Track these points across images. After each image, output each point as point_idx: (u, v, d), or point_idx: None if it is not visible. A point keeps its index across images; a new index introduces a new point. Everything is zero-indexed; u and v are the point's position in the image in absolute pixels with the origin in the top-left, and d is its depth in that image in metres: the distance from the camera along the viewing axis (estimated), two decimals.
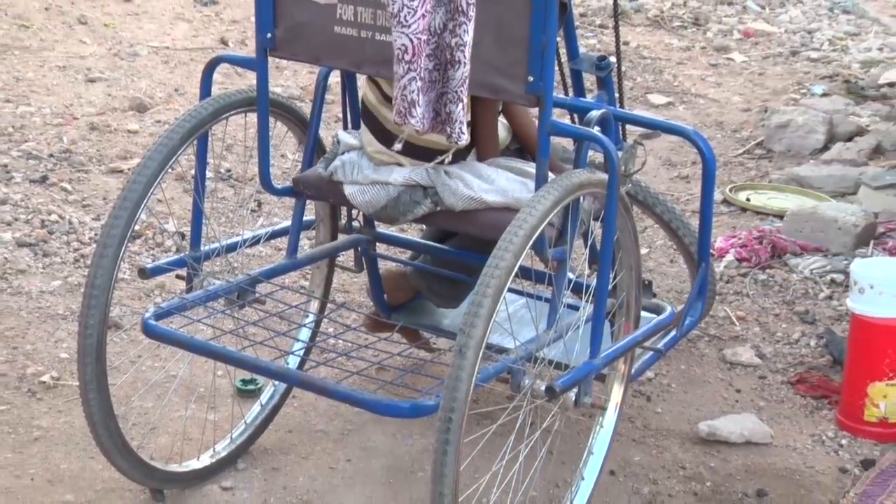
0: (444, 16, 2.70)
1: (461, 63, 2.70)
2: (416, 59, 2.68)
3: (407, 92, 2.71)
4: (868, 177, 5.32)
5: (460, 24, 2.67)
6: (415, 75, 2.69)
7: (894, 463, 3.52)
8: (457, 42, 2.69)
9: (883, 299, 3.57)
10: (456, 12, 2.68)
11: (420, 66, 2.69)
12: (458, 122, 2.76)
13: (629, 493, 3.35)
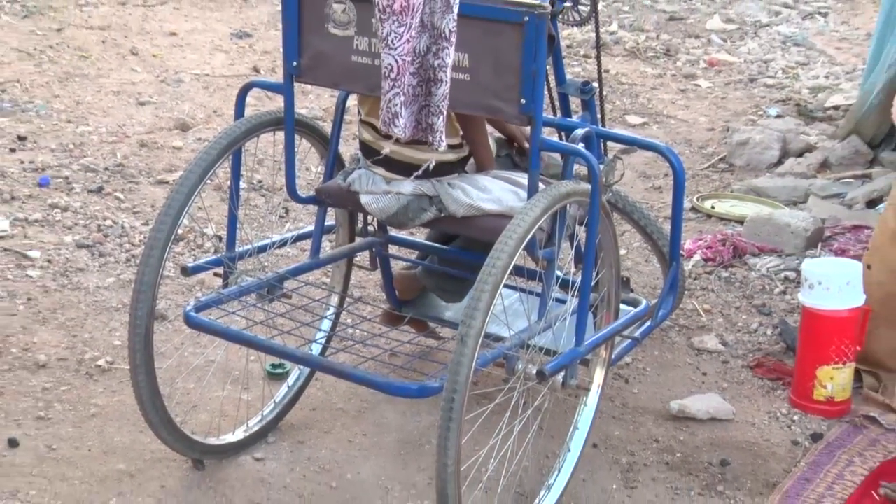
0: (428, 40, 2.71)
1: (442, 81, 2.71)
2: (400, 77, 2.70)
3: (391, 105, 2.73)
4: (816, 187, 5.34)
5: (443, 48, 2.69)
6: (398, 91, 2.71)
7: (840, 436, 3.52)
8: (439, 63, 2.70)
9: (829, 294, 3.58)
10: (439, 38, 2.69)
11: (404, 83, 2.70)
12: (438, 132, 2.77)
13: (610, 463, 3.35)
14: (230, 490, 3.13)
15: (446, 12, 2.67)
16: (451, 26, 2.67)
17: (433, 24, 2.69)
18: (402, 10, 2.64)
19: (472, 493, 2.87)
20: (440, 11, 2.67)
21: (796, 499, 3.20)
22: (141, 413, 3.02)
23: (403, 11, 2.65)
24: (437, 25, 2.69)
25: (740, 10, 8.65)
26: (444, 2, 2.66)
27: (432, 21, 2.69)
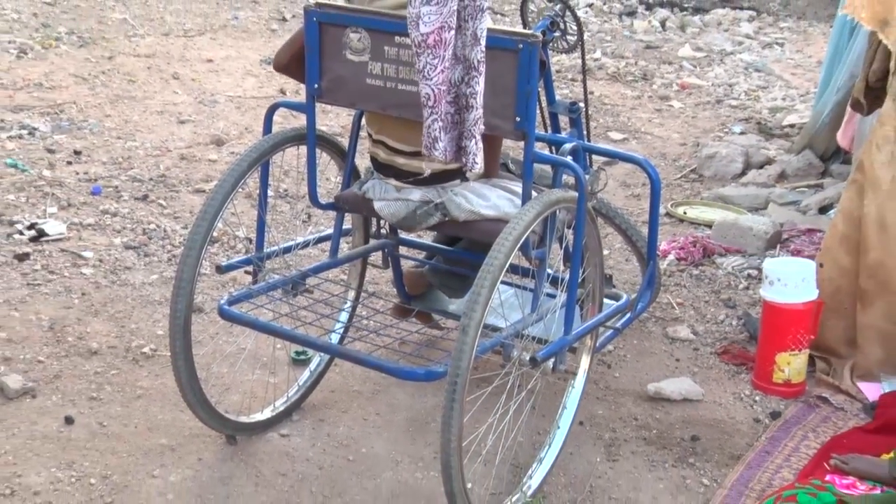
0: (462, 71, 2.69)
1: (474, 108, 2.70)
2: (437, 105, 2.67)
3: (430, 130, 2.70)
4: (775, 195, 5.34)
5: (473, 77, 2.67)
6: (436, 117, 2.68)
7: (796, 414, 3.52)
8: (471, 91, 2.69)
9: (787, 290, 3.58)
10: (470, 68, 2.67)
11: (441, 110, 2.68)
12: (471, 154, 2.75)
13: (594, 438, 3.34)
14: (259, 462, 3.12)
15: (475, 45, 2.66)
16: (480, 57, 2.66)
17: (465, 55, 2.68)
18: (436, 44, 2.62)
19: (473, 465, 2.86)
20: (470, 44, 2.66)
21: (757, 469, 3.20)
22: (181, 394, 3.02)
23: (437, 45, 2.62)
24: (469, 57, 2.67)
25: (708, 40, 8.65)
26: (473, 35, 2.65)
27: (464, 53, 2.68)
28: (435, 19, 2.60)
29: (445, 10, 2.60)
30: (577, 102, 3.47)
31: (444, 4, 2.59)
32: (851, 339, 3.73)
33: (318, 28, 2.93)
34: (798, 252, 4.52)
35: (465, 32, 2.65)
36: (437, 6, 2.59)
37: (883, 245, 3.58)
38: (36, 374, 3.48)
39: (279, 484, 3.03)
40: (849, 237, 3.67)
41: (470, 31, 2.65)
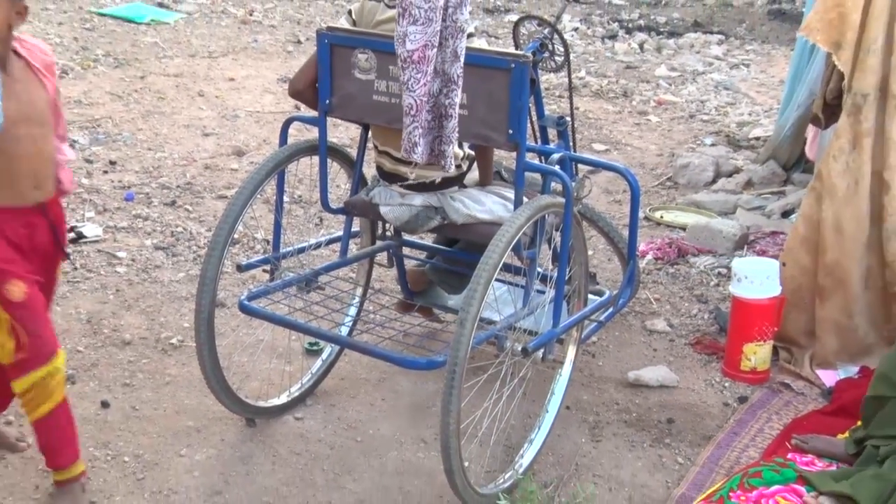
0: (440, 84, 2.69)
1: (452, 117, 2.70)
2: (419, 114, 2.68)
3: (411, 136, 2.70)
4: (743, 201, 5.33)
5: (452, 90, 2.67)
6: (417, 124, 2.69)
7: (761, 399, 3.52)
8: (449, 102, 2.69)
9: (753, 286, 3.58)
10: (449, 81, 2.67)
11: (421, 119, 2.68)
12: (448, 158, 2.76)
13: (579, 421, 3.33)
14: (276, 443, 3.12)
15: (455, 61, 2.66)
16: (459, 72, 2.66)
17: (444, 70, 2.68)
18: (420, 60, 2.62)
19: (470, 446, 2.85)
20: (450, 60, 2.66)
21: (726, 449, 3.20)
22: (205, 381, 3.02)
23: (420, 61, 2.63)
24: (448, 72, 2.67)
25: (682, 61, 8.64)
26: (453, 52, 2.65)
27: (444, 68, 2.67)
28: (420, 38, 2.61)
29: (430, 29, 2.61)
30: (564, 117, 3.46)
31: (428, 24, 2.60)
32: (811, 331, 3.73)
33: (330, 49, 2.93)
34: (763, 252, 4.51)
35: (446, 50, 2.65)
36: (422, 26, 2.60)
37: (839, 246, 3.58)
38: (75, 362, 3.47)
39: (294, 462, 3.03)
40: (809, 239, 3.67)
41: (450, 49, 2.65)
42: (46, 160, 2.52)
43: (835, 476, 2.85)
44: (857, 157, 3.52)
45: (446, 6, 2.61)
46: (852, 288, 3.60)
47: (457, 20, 2.62)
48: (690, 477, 3.04)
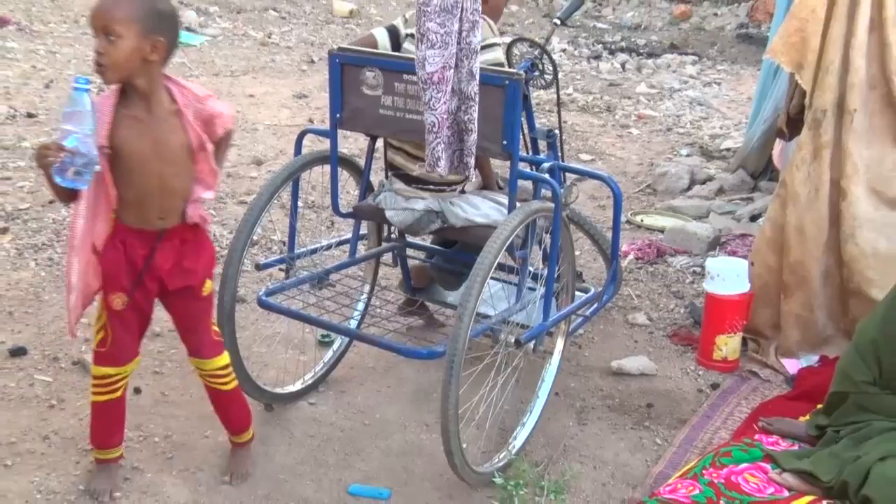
0: (458, 101, 2.67)
1: (472, 131, 2.68)
2: (440, 131, 2.66)
3: (434, 151, 2.68)
4: (715, 206, 5.33)
5: (470, 107, 2.65)
6: (439, 141, 2.67)
7: (731, 385, 3.51)
8: (468, 118, 2.67)
9: (725, 283, 3.58)
10: (467, 99, 2.65)
11: (443, 135, 2.67)
12: (469, 169, 2.76)
13: (567, 406, 3.32)
14: (291, 425, 3.11)
15: (471, 80, 2.64)
16: (475, 90, 2.64)
17: (461, 89, 2.66)
18: (439, 81, 2.61)
19: (467, 429, 2.84)
20: (466, 80, 2.65)
21: (700, 430, 3.19)
22: None
23: (440, 81, 2.61)
24: (465, 90, 2.65)
25: (659, 79, 8.64)
26: (469, 72, 2.64)
27: (461, 87, 2.66)
28: (438, 60, 2.58)
29: (447, 52, 2.59)
30: (553, 129, 3.46)
31: (445, 48, 2.58)
32: (776, 324, 3.72)
33: (340, 68, 2.92)
34: (734, 253, 4.50)
35: (462, 70, 2.64)
36: (439, 49, 2.58)
37: (801, 247, 3.58)
38: None
39: (308, 443, 3.02)
40: (774, 241, 3.66)
41: (466, 69, 2.63)
42: (173, 195, 2.45)
43: (797, 455, 2.87)
44: (818, 167, 3.52)
45: (460, 30, 2.60)
46: (813, 285, 3.59)
47: (470, 42, 2.61)
48: (668, 456, 3.04)
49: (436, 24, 2.56)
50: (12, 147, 5.42)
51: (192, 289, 2.59)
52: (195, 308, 2.64)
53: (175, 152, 2.40)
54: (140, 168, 2.38)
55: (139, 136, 2.35)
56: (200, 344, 2.68)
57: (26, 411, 3.06)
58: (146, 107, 2.37)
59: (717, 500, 2.70)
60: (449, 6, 2.56)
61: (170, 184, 2.42)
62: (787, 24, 3.46)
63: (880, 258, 3.46)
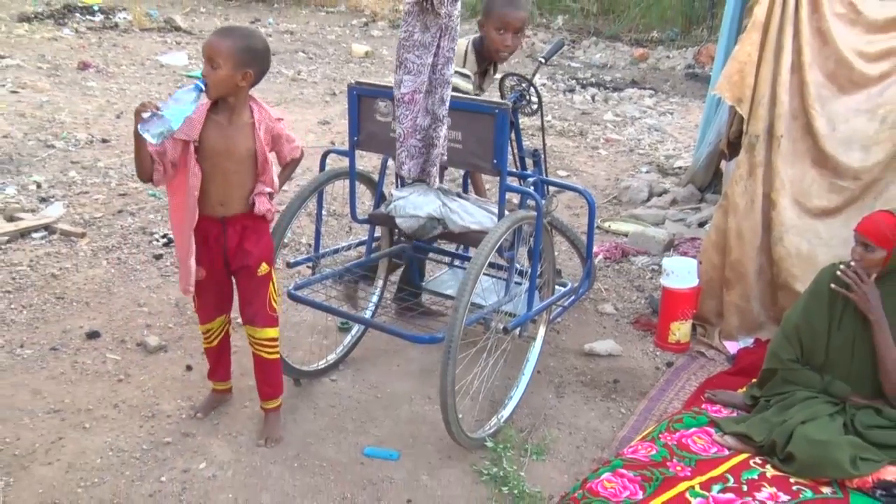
0: (430, 120, 2.67)
1: (437, 146, 2.68)
2: (405, 141, 2.68)
3: (400, 157, 2.72)
4: (670, 215, 5.30)
5: (438, 126, 2.66)
6: (404, 149, 2.69)
7: (683, 364, 3.49)
8: (435, 135, 2.67)
9: (678, 279, 3.56)
10: (436, 119, 2.65)
11: (408, 145, 2.68)
12: (433, 177, 2.75)
13: (547, 382, 3.30)
14: (316, 398, 3.09)
15: (441, 105, 2.64)
16: (444, 113, 2.65)
17: (433, 111, 2.66)
18: (410, 101, 2.63)
19: (463, 401, 2.82)
20: (437, 104, 2.65)
21: (657, 401, 3.18)
22: None
23: (410, 102, 2.63)
24: (436, 112, 2.66)
25: (623, 109, 8.60)
26: (440, 98, 2.64)
27: (433, 109, 2.66)
28: (411, 85, 2.60)
29: (419, 79, 2.60)
30: (538, 150, 3.44)
31: (418, 75, 2.59)
32: (720, 312, 3.71)
33: (357, 99, 2.90)
34: (685, 253, 4.48)
35: (434, 95, 2.63)
36: (413, 76, 2.59)
37: (740, 249, 3.57)
38: (167, 335, 3.45)
39: (330, 413, 3.00)
40: (718, 243, 3.65)
41: (438, 95, 2.63)
42: (231, 188, 2.56)
43: (736, 420, 2.89)
44: (752, 182, 3.50)
45: (435, 63, 2.60)
46: (749, 280, 3.58)
47: (443, 74, 2.61)
48: (630, 423, 3.02)
49: (413, 56, 2.57)
50: (90, 167, 5.41)
51: (249, 268, 2.66)
52: (252, 284, 2.68)
53: (241, 154, 2.54)
54: (212, 161, 2.50)
55: (217, 136, 2.50)
56: (255, 315, 2.71)
57: (100, 384, 3.06)
58: (229, 116, 2.51)
59: (671, 458, 2.69)
60: (426, 43, 2.57)
61: (231, 179, 2.54)
62: (729, 66, 3.46)
63: (802, 258, 3.46)
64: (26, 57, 7.92)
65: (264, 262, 2.67)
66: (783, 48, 3.36)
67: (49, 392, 2.97)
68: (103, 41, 9.08)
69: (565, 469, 2.75)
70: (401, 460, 2.75)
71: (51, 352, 3.25)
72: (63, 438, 2.71)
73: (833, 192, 3.44)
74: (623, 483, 2.53)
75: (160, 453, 2.68)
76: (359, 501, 2.54)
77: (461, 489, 2.61)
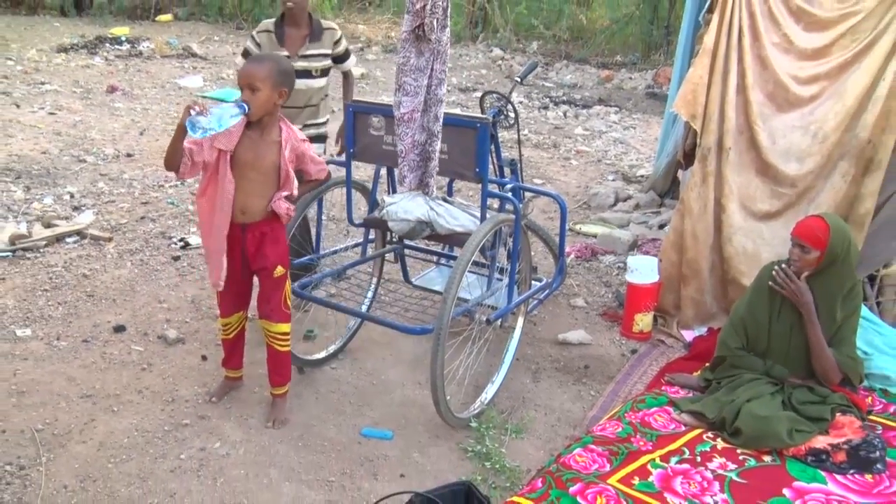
0: (426, 136, 2.65)
1: (433, 160, 2.66)
2: (406, 156, 2.65)
3: (402, 171, 2.68)
4: (633, 218, 5.30)
5: (434, 141, 2.63)
6: (405, 164, 2.66)
7: (646, 351, 3.48)
8: (432, 150, 2.65)
9: (641, 275, 3.56)
10: (432, 135, 2.63)
11: (408, 160, 2.65)
12: (431, 187, 2.73)
13: (525, 368, 3.28)
14: (318, 384, 3.06)
15: (435, 122, 2.62)
16: (439, 129, 2.62)
17: (429, 128, 2.63)
18: (409, 120, 2.60)
19: (450, 386, 2.81)
20: (432, 121, 2.62)
21: (623, 385, 3.17)
22: None
23: (409, 121, 2.60)
24: (431, 129, 2.63)
25: (591, 125, 8.61)
26: (435, 115, 2.62)
27: (428, 126, 2.63)
28: (409, 105, 2.58)
29: (416, 100, 2.58)
30: (515, 160, 3.43)
31: (415, 96, 2.57)
32: (677, 304, 3.70)
33: (353, 115, 2.88)
34: (647, 252, 4.48)
35: (430, 114, 2.62)
36: (410, 97, 2.57)
37: (695, 248, 3.57)
38: (184, 329, 3.40)
39: (330, 397, 2.97)
40: (676, 243, 3.65)
41: (433, 113, 2.61)
42: (254, 197, 2.56)
43: (691, 400, 2.90)
44: (705, 189, 3.51)
45: (429, 84, 2.58)
46: (703, 276, 3.58)
47: (437, 94, 2.59)
48: (599, 403, 3.01)
49: (410, 79, 2.55)
50: (116, 178, 5.38)
51: (266, 269, 2.65)
52: (268, 284, 2.68)
53: (267, 167, 2.54)
54: (240, 171, 2.51)
55: (248, 149, 2.52)
56: (270, 311, 2.69)
57: (125, 372, 3.02)
58: (260, 133, 2.53)
59: (635, 434, 2.69)
60: (422, 67, 2.55)
61: (254, 189, 2.55)
62: (684, 87, 3.47)
63: (748, 256, 3.47)
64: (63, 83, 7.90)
65: (280, 266, 2.66)
66: (729, 71, 3.39)
67: (82, 379, 2.94)
68: (129, 67, 9.03)
69: (541, 445, 2.74)
70: (394, 439, 2.72)
71: (83, 343, 3.21)
72: (94, 420, 2.69)
73: (774, 197, 3.46)
74: (593, 457, 2.52)
75: (179, 434, 2.65)
76: (357, 476, 2.52)
77: (448, 464, 2.60)
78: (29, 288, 3.65)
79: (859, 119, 3.26)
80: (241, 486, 2.43)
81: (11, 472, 2.39)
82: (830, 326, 2.75)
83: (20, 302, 3.50)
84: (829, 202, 3.34)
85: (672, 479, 2.45)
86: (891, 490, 2.42)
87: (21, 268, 3.86)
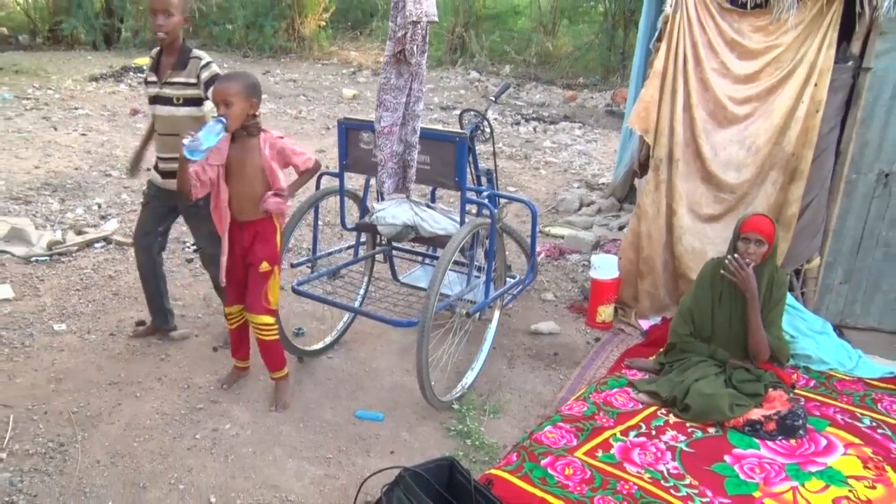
0: (404, 147, 2.64)
1: (412, 168, 2.65)
2: (385, 165, 2.63)
3: (381, 178, 2.67)
4: (596, 221, 5.33)
5: (411, 152, 2.63)
6: (385, 172, 2.65)
7: (608, 339, 3.50)
8: (409, 160, 2.64)
9: (603, 271, 3.58)
10: (409, 146, 2.62)
11: (388, 167, 2.64)
12: (408, 191, 2.72)
13: (501, 356, 3.29)
14: (316, 372, 3.05)
15: (413, 134, 2.62)
16: (415, 141, 2.62)
17: (407, 140, 2.63)
18: (388, 133, 2.59)
19: (434, 372, 2.82)
20: (410, 134, 2.62)
21: (588, 369, 3.19)
22: None
23: (388, 133, 2.59)
24: (409, 141, 2.63)
25: (557, 139, 8.66)
26: (412, 129, 2.61)
27: (406, 139, 2.63)
28: (389, 120, 2.58)
29: (396, 115, 2.58)
30: (490, 170, 3.44)
31: (395, 112, 2.57)
32: (635, 297, 3.73)
33: (346, 131, 2.87)
34: (608, 251, 4.50)
35: (407, 127, 2.62)
36: (390, 113, 2.57)
37: (650, 247, 3.60)
38: (197, 324, 3.38)
39: (327, 384, 2.97)
40: (634, 243, 3.68)
41: (410, 126, 2.61)
42: (245, 199, 2.57)
43: (647, 381, 2.93)
44: (658, 195, 3.55)
45: (407, 102, 2.59)
46: (657, 272, 3.62)
47: (414, 110, 2.60)
48: (567, 386, 3.03)
49: (390, 97, 2.55)
50: (137, 191, 5.33)
51: (254, 264, 2.64)
52: (254, 277, 2.66)
53: (253, 169, 2.55)
54: (233, 178, 2.54)
55: (234, 158, 2.53)
56: (252, 303, 2.67)
57: (147, 362, 3.01)
58: (242, 142, 2.54)
59: (599, 413, 2.71)
60: (401, 86, 2.55)
61: (245, 190, 2.56)
62: (638, 105, 3.51)
63: (696, 254, 3.51)
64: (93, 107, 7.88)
65: (265, 262, 2.64)
66: (677, 92, 3.44)
67: (109, 368, 2.93)
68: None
69: (516, 424, 2.76)
70: (385, 421, 2.73)
71: (110, 337, 3.20)
72: (121, 404, 2.69)
73: (717, 202, 3.51)
74: (561, 433, 2.55)
75: (194, 416, 2.65)
76: (352, 453, 2.52)
77: (434, 442, 2.61)
78: (64, 288, 3.64)
79: (785, 135, 3.35)
80: (250, 462, 2.43)
81: (54, 448, 2.43)
82: (763, 309, 2.83)
83: (56, 300, 3.50)
84: (763, 206, 3.41)
85: (631, 450, 2.48)
86: (809, 451, 2.54)
87: (57, 270, 3.86)
